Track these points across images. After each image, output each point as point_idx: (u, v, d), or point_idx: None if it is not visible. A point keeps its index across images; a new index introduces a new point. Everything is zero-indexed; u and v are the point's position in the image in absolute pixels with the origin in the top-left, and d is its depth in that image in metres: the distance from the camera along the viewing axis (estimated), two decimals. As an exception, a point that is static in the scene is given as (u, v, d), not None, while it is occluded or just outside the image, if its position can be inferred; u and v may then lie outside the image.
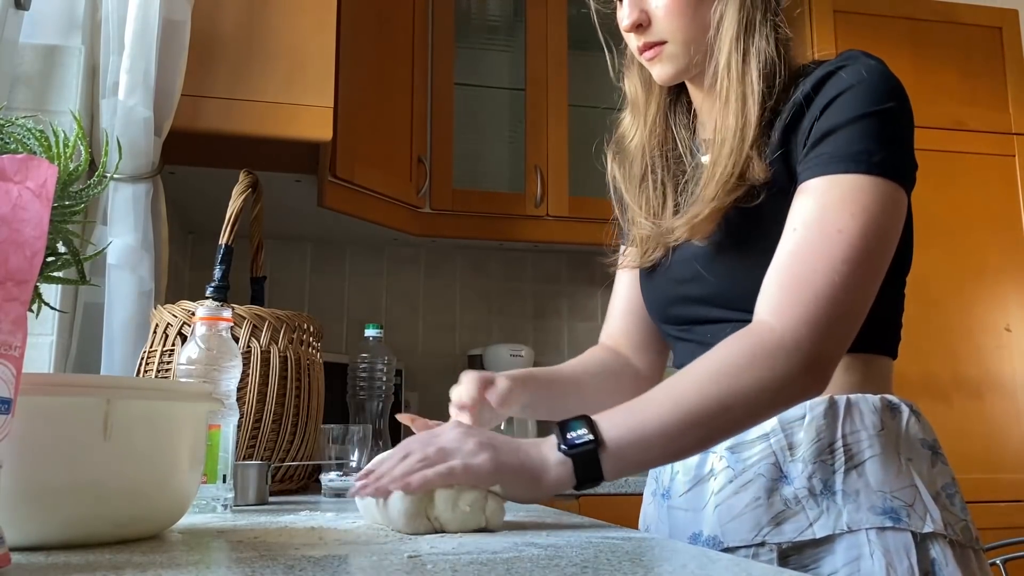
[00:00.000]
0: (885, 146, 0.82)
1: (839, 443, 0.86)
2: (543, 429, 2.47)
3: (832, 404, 0.87)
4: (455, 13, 2.56)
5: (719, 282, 0.91)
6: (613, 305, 1.12)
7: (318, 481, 1.22)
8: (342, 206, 2.04)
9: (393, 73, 2.27)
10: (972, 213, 2.46)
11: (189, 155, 1.80)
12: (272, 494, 1.15)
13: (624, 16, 0.95)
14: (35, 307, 0.88)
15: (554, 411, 0.99)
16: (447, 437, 0.76)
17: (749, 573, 0.54)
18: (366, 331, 1.75)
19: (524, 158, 2.53)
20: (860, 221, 0.79)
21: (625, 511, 1.18)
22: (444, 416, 0.94)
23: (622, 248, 1.09)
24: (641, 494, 1.07)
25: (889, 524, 0.82)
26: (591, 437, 0.75)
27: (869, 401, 0.89)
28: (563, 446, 0.75)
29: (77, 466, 0.60)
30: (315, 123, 1.72)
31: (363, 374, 1.72)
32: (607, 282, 1.14)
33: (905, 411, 0.92)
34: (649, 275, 1.02)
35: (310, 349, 1.31)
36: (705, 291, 0.93)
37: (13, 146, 0.86)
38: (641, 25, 0.94)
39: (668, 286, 0.98)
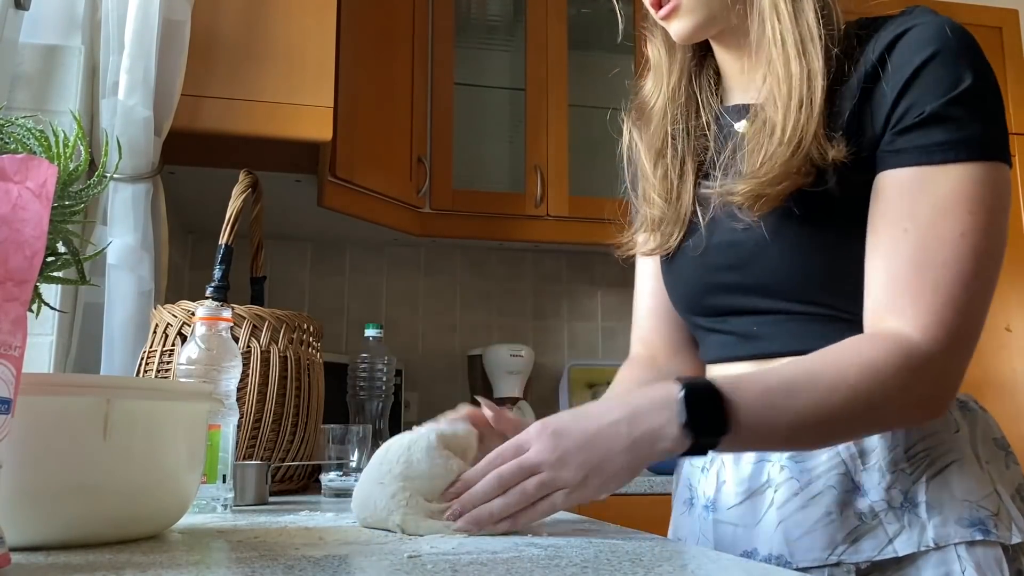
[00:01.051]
0: (988, 124, 0.75)
1: (918, 448, 0.79)
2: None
3: None
4: (455, 13, 2.56)
5: (771, 270, 0.82)
6: (640, 304, 1.03)
7: (318, 481, 1.22)
8: (342, 206, 2.04)
9: (393, 73, 2.27)
10: (972, 213, 2.46)
11: (189, 155, 1.80)
12: (272, 494, 1.15)
13: None
14: (35, 307, 0.88)
15: None
16: (539, 458, 0.68)
17: (749, 573, 0.54)
18: (366, 331, 1.75)
19: (524, 158, 2.53)
20: (981, 220, 0.73)
21: (625, 511, 1.18)
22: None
23: (636, 235, 0.98)
24: (647, 495, 1.03)
25: (979, 537, 0.76)
26: (725, 427, 0.69)
27: None
28: (690, 429, 0.68)
29: (77, 466, 0.60)
30: (315, 123, 1.72)
31: (363, 374, 1.72)
32: (607, 282, 1.14)
33: (975, 406, 0.85)
34: (672, 261, 0.92)
35: (310, 349, 1.31)
36: (750, 280, 0.84)
37: (13, 146, 0.86)
38: None
39: (701, 273, 0.89)
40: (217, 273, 1.25)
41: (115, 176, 1.46)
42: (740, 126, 0.86)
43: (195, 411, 0.72)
